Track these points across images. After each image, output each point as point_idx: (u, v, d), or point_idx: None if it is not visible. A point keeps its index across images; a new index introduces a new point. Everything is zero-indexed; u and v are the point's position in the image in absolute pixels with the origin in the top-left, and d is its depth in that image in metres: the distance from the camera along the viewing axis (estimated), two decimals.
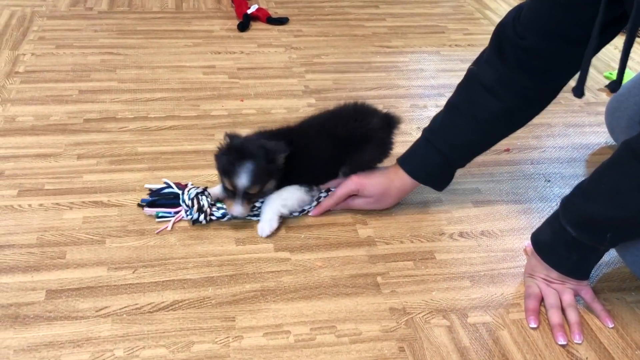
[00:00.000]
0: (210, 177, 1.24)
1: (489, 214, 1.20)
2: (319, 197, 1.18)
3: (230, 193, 1.07)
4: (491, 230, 1.16)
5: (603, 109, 1.51)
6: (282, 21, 2.01)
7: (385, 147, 1.18)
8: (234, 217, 1.12)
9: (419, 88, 1.67)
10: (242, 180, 1.04)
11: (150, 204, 1.14)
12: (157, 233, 1.09)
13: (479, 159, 1.34)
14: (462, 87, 1.12)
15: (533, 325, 0.95)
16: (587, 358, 0.91)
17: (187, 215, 1.11)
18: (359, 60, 1.80)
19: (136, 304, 0.95)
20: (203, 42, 1.84)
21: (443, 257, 1.08)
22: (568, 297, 0.98)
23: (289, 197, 1.12)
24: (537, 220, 1.18)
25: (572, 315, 0.96)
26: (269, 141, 1.08)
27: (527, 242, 1.09)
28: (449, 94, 1.62)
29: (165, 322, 0.92)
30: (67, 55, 1.71)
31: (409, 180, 1.14)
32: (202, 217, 1.10)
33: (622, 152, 0.88)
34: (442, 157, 1.11)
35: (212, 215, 1.12)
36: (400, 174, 1.14)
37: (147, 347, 0.88)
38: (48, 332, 0.89)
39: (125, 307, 0.94)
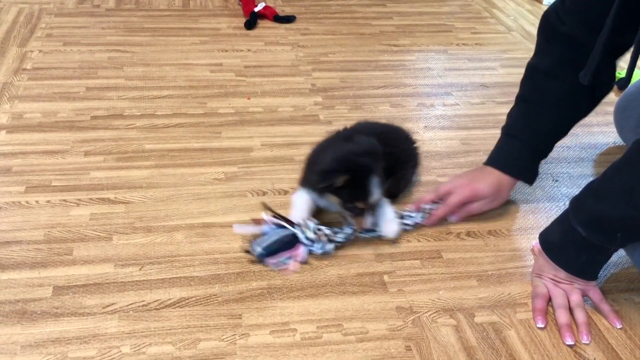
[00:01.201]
0: (216, 175, 1.23)
1: (496, 213, 1.19)
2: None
3: (357, 210, 1.06)
4: (498, 229, 1.15)
5: (611, 108, 1.50)
6: (289, 19, 2.01)
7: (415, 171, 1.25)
8: (359, 233, 1.09)
9: (426, 87, 1.66)
10: (375, 195, 1.04)
11: (271, 253, 1.03)
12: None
13: (486, 158, 1.34)
14: (524, 80, 1.16)
15: (540, 325, 0.95)
16: (594, 358, 0.91)
17: (317, 250, 1.05)
18: (366, 58, 1.80)
19: (143, 301, 0.95)
20: (210, 40, 1.84)
21: (450, 257, 1.08)
22: (576, 298, 0.98)
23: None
24: (544, 220, 1.17)
25: (580, 316, 0.96)
26: (371, 149, 1.07)
27: (534, 242, 1.09)
28: (456, 92, 1.63)
29: (172, 319, 0.92)
30: (74, 52, 1.71)
31: (504, 177, 1.16)
32: (332, 246, 1.06)
33: (633, 152, 0.87)
34: (525, 147, 1.14)
35: (337, 241, 1.07)
36: (497, 173, 1.16)
37: (153, 344, 0.88)
38: (55, 328, 0.89)
39: (131, 303, 0.94)
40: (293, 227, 1.05)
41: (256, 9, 1.99)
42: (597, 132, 1.49)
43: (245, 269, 1.02)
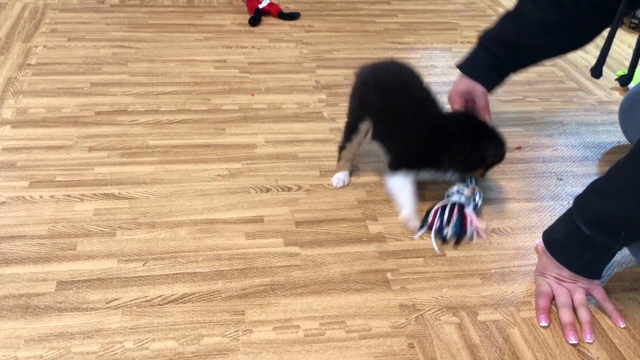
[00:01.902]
0: (220, 171, 1.23)
1: (500, 211, 1.19)
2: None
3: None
4: (502, 228, 1.15)
5: (616, 107, 1.50)
6: (293, 16, 2.01)
7: None
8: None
9: (431, 84, 1.65)
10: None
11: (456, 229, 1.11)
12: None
13: None
14: (510, 12, 1.24)
15: (544, 323, 0.95)
16: (598, 358, 0.90)
17: (479, 201, 1.16)
18: (371, 56, 1.80)
19: (146, 297, 0.95)
20: (214, 37, 1.84)
21: (454, 255, 1.08)
22: (579, 296, 0.97)
23: None
24: (548, 218, 1.17)
25: (584, 315, 0.95)
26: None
27: (538, 241, 1.08)
28: None
29: (175, 314, 0.92)
30: (78, 47, 1.71)
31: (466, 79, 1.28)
32: (479, 199, 1.16)
33: (637, 151, 0.87)
34: (488, 52, 1.25)
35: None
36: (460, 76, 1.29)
37: (156, 340, 0.88)
38: (58, 322, 0.90)
39: (135, 299, 0.94)
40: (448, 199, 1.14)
41: (260, 6, 1.99)
42: (601, 131, 1.49)
43: (248, 265, 1.02)
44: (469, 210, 1.12)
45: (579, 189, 0.97)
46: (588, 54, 1.87)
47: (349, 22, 2.02)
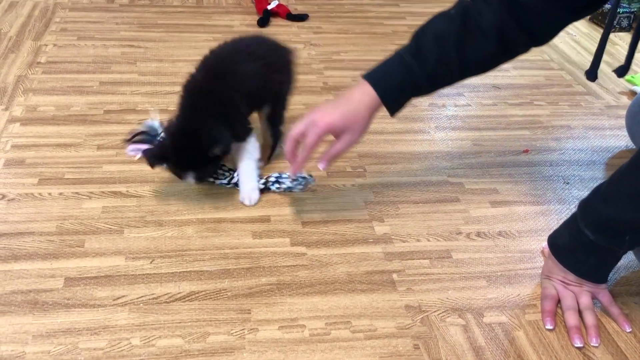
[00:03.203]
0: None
1: (507, 214, 1.19)
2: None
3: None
4: (508, 230, 1.15)
5: (624, 112, 1.50)
6: (301, 18, 2.02)
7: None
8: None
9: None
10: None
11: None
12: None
13: (497, 159, 1.34)
14: (453, 20, 1.01)
15: (549, 326, 0.95)
16: None
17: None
18: (379, 58, 1.77)
19: (153, 294, 0.95)
20: (223, 37, 1.81)
21: (460, 257, 1.08)
22: (585, 300, 0.97)
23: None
24: (555, 222, 1.17)
25: (589, 318, 0.95)
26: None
27: (544, 244, 1.08)
28: (468, 93, 1.63)
29: (182, 312, 0.93)
30: (88, 46, 1.72)
31: (374, 100, 1.02)
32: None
33: None
34: (414, 84, 1.02)
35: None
36: (366, 92, 1.02)
37: (163, 337, 0.89)
38: (66, 319, 0.90)
39: (142, 296, 0.95)
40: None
41: (269, 7, 2.00)
42: (609, 136, 1.49)
43: (254, 264, 1.03)
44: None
45: (586, 193, 0.97)
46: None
47: (357, 24, 2.03)
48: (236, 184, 1.18)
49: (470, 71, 1.06)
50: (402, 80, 1.02)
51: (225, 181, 1.18)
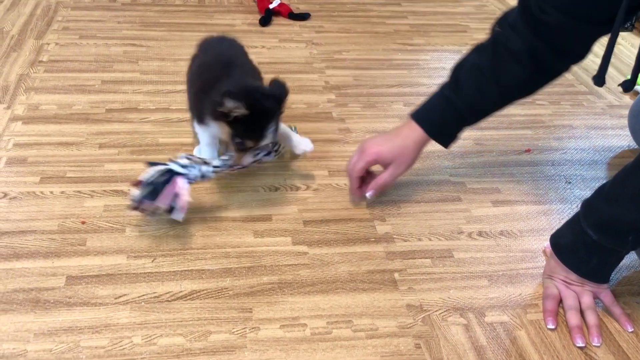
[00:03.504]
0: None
1: (509, 214, 1.19)
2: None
3: (243, 146, 1.07)
4: (510, 230, 1.15)
5: (626, 112, 1.50)
6: (303, 17, 2.02)
7: None
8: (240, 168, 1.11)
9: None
10: (267, 140, 1.08)
11: (151, 195, 1.01)
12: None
13: (499, 158, 1.34)
14: (486, 50, 1.08)
15: (551, 326, 0.95)
16: None
17: (195, 174, 1.04)
18: (380, 57, 1.80)
19: (155, 293, 0.95)
20: None
21: (461, 256, 1.08)
22: (587, 300, 0.97)
23: None
24: (557, 221, 1.17)
25: (591, 318, 0.95)
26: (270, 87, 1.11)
27: (546, 243, 1.08)
28: None
29: (183, 311, 0.93)
30: (90, 45, 1.72)
31: (422, 135, 1.11)
32: (209, 169, 1.06)
33: None
34: (458, 115, 1.10)
35: (215, 165, 1.07)
36: (414, 128, 1.11)
37: (164, 336, 0.89)
38: (67, 317, 0.90)
39: (143, 295, 0.95)
40: (164, 164, 1.04)
41: (271, 6, 2.00)
42: (611, 135, 1.49)
43: (256, 263, 1.03)
44: (180, 181, 1.03)
45: (588, 193, 0.97)
46: (598, 58, 1.86)
47: (359, 23, 2.02)
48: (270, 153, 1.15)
49: (512, 96, 1.12)
50: (444, 114, 1.10)
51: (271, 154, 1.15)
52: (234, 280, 0.99)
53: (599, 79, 0.97)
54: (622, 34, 2.06)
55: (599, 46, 0.99)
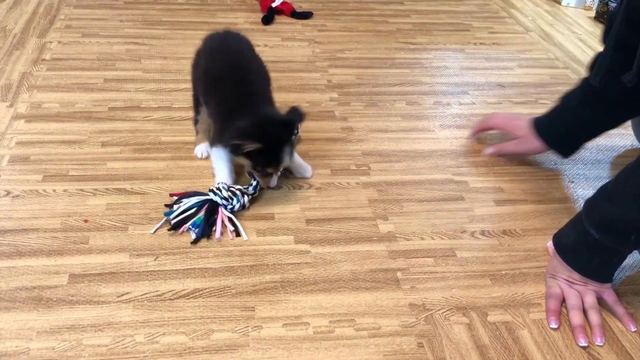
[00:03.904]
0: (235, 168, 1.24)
1: (511, 213, 1.19)
2: None
3: (265, 173, 1.13)
4: (513, 229, 1.15)
5: None
6: (306, 15, 2.01)
7: None
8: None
9: (443, 85, 1.66)
10: (285, 163, 1.12)
11: (194, 223, 1.08)
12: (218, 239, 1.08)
13: (502, 158, 1.34)
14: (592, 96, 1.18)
15: (554, 325, 0.95)
16: None
17: (236, 205, 1.11)
18: (383, 56, 1.80)
19: (157, 291, 0.95)
20: None
21: (464, 255, 1.08)
22: (590, 299, 0.97)
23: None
24: (559, 221, 1.16)
25: (594, 317, 0.95)
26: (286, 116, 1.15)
27: (549, 243, 1.08)
28: (473, 91, 1.63)
29: (186, 309, 0.93)
30: (92, 44, 1.72)
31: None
32: (247, 199, 1.13)
33: None
34: (572, 129, 1.23)
35: (249, 193, 1.14)
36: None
37: (167, 334, 0.89)
38: (70, 315, 0.90)
39: (146, 293, 0.95)
40: (203, 195, 1.12)
41: (274, 5, 2.00)
42: (614, 135, 1.48)
43: (258, 262, 1.03)
44: (223, 211, 1.10)
45: (591, 192, 0.97)
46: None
47: (362, 21, 2.02)
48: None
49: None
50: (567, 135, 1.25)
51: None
52: (236, 279, 0.99)
53: (634, 77, 0.99)
54: None
55: (598, 41, 1.00)
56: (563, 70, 1.77)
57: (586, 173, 1.33)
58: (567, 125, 1.23)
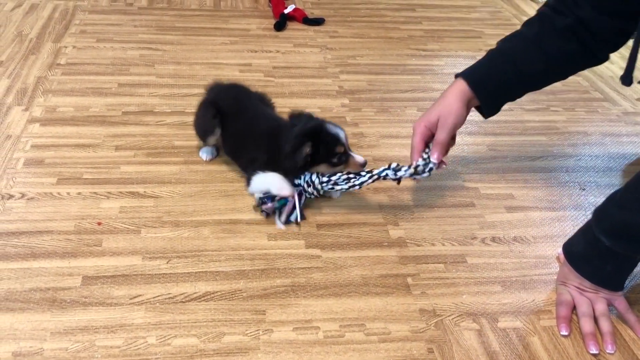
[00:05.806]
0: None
1: (522, 220, 1.19)
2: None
3: (344, 157, 1.12)
4: (524, 236, 1.15)
5: None
6: (318, 22, 2.03)
7: None
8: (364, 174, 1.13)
9: None
10: (341, 133, 1.13)
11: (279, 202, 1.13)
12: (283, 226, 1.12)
13: (513, 164, 1.34)
14: (532, 23, 1.11)
15: (564, 332, 0.94)
16: None
17: (309, 195, 1.15)
18: (394, 62, 1.80)
19: (169, 294, 0.96)
20: (240, 41, 1.86)
21: (474, 261, 1.08)
22: (601, 307, 0.97)
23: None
24: (570, 228, 1.16)
25: (605, 325, 0.95)
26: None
27: (559, 250, 1.08)
28: None
29: (197, 312, 0.93)
30: (107, 49, 1.74)
31: (463, 87, 1.11)
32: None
33: None
34: (502, 74, 1.10)
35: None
36: (456, 83, 1.13)
37: (179, 336, 0.89)
38: (83, 317, 0.91)
39: (158, 296, 0.96)
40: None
41: (286, 11, 2.01)
42: (626, 142, 1.48)
43: (270, 266, 1.03)
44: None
45: (602, 199, 0.96)
46: (614, 65, 1.86)
47: (373, 28, 2.03)
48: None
49: (557, 66, 1.10)
50: (489, 70, 1.11)
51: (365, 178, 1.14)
52: (247, 283, 1.00)
53: (627, 78, 0.97)
54: None
55: (624, 48, 1.00)
56: (575, 78, 1.77)
57: (597, 180, 1.33)
58: (508, 71, 1.10)
